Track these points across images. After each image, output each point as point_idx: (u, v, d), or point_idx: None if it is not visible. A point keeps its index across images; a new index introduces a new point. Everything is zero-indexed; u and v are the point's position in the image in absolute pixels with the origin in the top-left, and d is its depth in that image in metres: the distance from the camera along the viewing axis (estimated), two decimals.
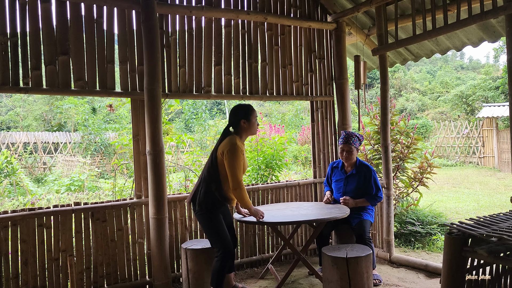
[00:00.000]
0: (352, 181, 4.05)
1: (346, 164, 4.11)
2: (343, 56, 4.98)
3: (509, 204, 7.70)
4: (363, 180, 4.00)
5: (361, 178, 4.00)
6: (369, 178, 3.99)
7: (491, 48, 52.93)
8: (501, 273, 2.15)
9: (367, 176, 4.00)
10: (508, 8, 3.16)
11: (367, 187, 4.00)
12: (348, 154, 4.00)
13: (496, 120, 15.32)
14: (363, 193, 4.00)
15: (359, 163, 4.06)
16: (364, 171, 4.02)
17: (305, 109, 20.02)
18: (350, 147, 3.99)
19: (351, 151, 4.00)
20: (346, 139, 3.99)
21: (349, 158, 4.01)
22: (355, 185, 4.03)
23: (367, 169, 4.03)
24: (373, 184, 3.99)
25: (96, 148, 15.83)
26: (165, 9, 3.94)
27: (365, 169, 4.03)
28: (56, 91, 3.52)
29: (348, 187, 4.06)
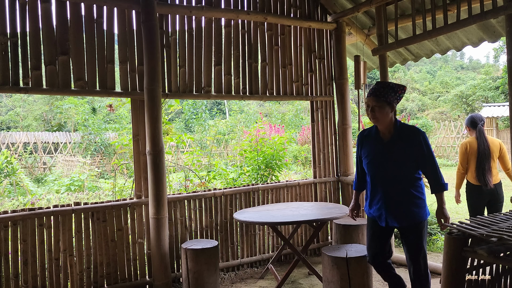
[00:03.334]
0: (396, 153, 2.76)
1: (380, 128, 2.84)
2: (343, 56, 4.98)
3: (509, 204, 7.70)
4: (410, 150, 2.74)
5: (409, 147, 2.74)
6: (421, 146, 2.73)
7: (491, 48, 52.95)
8: (501, 273, 2.15)
9: (416, 142, 2.73)
10: (508, 8, 3.16)
11: (421, 163, 2.76)
12: (374, 112, 2.75)
13: (496, 120, 15.32)
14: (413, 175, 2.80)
15: (402, 126, 2.82)
16: (411, 135, 2.76)
17: (305, 109, 20.02)
18: (379, 102, 2.72)
19: (382, 107, 2.72)
20: (373, 91, 2.78)
21: (378, 117, 2.75)
22: (400, 158, 2.76)
23: (416, 132, 2.76)
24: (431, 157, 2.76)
25: (96, 148, 15.83)
26: (165, 9, 3.94)
27: (412, 133, 2.76)
28: (56, 91, 3.52)
29: (389, 162, 2.78)
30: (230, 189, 4.42)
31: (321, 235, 4.97)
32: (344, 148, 5.03)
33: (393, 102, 2.76)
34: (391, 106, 2.76)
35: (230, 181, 6.27)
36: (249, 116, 19.79)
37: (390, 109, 2.76)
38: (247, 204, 4.48)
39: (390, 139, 2.81)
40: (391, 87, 2.76)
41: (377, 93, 2.75)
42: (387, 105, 2.75)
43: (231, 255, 4.36)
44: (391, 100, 2.75)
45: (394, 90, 2.77)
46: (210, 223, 4.26)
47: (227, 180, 6.37)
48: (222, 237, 4.32)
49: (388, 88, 2.75)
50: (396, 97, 2.78)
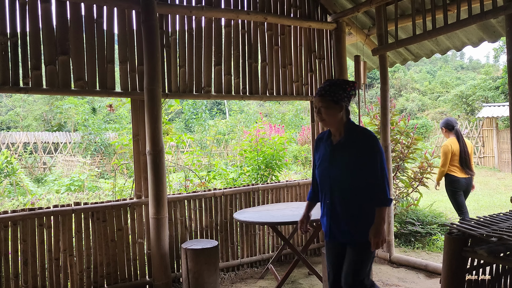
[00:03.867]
0: (341, 158, 2.48)
1: (331, 131, 2.58)
2: (343, 56, 4.98)
3: (509, 204, 7.70)
4: (356, 156, 2.43)
5: (355, 152, 2.44)
6: (367, 152, 2.42)
7: (491, 48, 52.97)
8: (501, 273, 2.15)
9: (362, 147, 2.43)
10: (508, 8, 3.16)
11: (366, 172, 2.41)
12: (321, 113, 2.50)
13: (496, 120, 15.31)
14: (361, 184, 2.44)
15: (351, 127, 2.51)
16: (358, 139, 2.46)
17: (305, 109, 20.02)
18: (324, 101, 2.46)
19: (328, 107, 2.46)
20: (318, 90, 2.52)
21: (325, 119, 2.49)
22: (344, 165, 2.46)
23: (364, 136, 2.46)
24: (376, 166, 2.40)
25: (96, 148, 15.83)
26: (165, 9, 3.94)
27: (360, 137, 2.46)
28: (56, 91, 3.52)
29: (334, 168, 2.50)
30: (230, 189, 4.42)
31: (321, 235, 4.97)
32: None
33: (341, 101, 2.46)
34: (339, 106, 2.46)
35: (230, 181, 6.27)
36: (249, 116, 19.78)
37: (338, 109, 2.47)
38: (247, 204, 4.48)
39: (338, 142, 2.52)
40: (338, 84, 2.48)
41: (322, 92, 2.47)
42: (334, 105, 2.45)
43: (231, 255, 4.36)
44: (339, 99, 2.45)
45: (342, 88, 2.46)
46: (210, 223, 4.26)
47: (227, 180, 6.37)
48: (222, 237, 4.32)
49: (334, 86, 2.47)
50: (345, 95, 2.47)
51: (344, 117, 2.51)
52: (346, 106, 2.50)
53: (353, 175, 2.43)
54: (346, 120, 2.52)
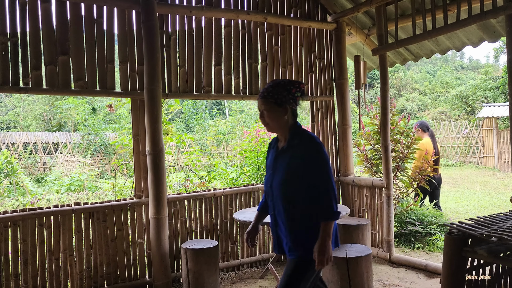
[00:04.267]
0: (282, 166, 2.27)
1: (278, 136, 2.40)
2: (343, 56, 4.99)
3: (509, 204, 7.70)
4: (297, 164, 2.20)
5: (296, 160, 2.21)
6: (307, 160, 2.18)
7: (491, 48, 52.96)
8: (501, 273, 2.14)
9: (302, 155, 2.19)
10: (508, 8, 3.16)
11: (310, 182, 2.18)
12: (264, 117, 2.29)
13: (496, 120, 15.32)
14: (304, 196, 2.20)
15: (296, 132, 2.28)
16: (299, 145, 2.22)
17: (305, 109, 20.02)
18: (267, 104, 2.26)
19: (271, 110, 2.26)
20: (261, 91, 2.31)
21: (268, 123, 2.29)
22: (283, 174, 2.25)
23: (310, 143, 2.21)
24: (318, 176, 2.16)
25: (96, 148, 15.83)
26: (165, 9, 3.94)
27: (301, 143, 2.22)
28: (56, 91, 3.52)
29: (276, 177, 2.28)
30: (230, 189, 4.42)
31: None
32: (344, 148, 5.03)
33: (286, 103, 2.24)
34: (283, 109, 2.24)
35: (230, 181, 6.27)
36: (249, 116, 19.78)
37: (282, 112, 2.24)
38: (247, 204, 4.48)
39: (282, 149, 2.30)
40: (282, 85, 2.27)
41: (264, 94, 2.26)
42: (277, 107, 2.23)
43: (231, 255, 4.36)
44: (283, 101, 2.23)
45: (287, 89, 2.26)
46: (210, 223, 4.26)
47: (227, 180, 6.37)
48: (222, 237, 4.32)
49: (278, 87, 2.25)
50: (291, 96, 2.26)
51: (290, 121, 2.28)
52: (293, 108, 2.29)
53: (295, 185, 2.19)
54: (292, 124, 2.29)
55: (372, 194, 4.68)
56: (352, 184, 4.92)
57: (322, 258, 2.10)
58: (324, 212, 2.14)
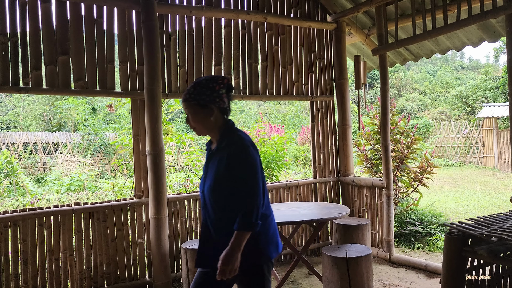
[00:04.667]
0: (211, 170, 2.10)
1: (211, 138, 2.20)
2: (343, 56, 4.99)
3: (509, 204, 7.70)
4: (224, 167, 2.01)
5: (224, 162, 2.02)
6: (229, 163, 2.00)
7: (491, 48, 52.92)
8: (501, 273, 2.14)
9: (225, 157, 2.01)
10: (508, 8, 3.16)
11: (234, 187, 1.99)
12: (189, 121, 2.12)
13: (496, 120, 15.32)
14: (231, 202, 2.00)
15: (226, 133, 2.09)
16: (224, 148, 2.05)
17: (305, 109, 20.02)
18: (189, 106, 2.08)
19: (195, 112, 2.08)
20: (183, 94, 2.11)
21: (195, 127, 2.12)
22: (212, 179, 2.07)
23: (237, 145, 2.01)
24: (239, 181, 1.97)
25: (96, 148, 15.82)
26: (165, 9, 3.94)
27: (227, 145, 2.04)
28: (56, 91, 3.52)
29: (207, 181, 2.12)
30: None
31: (321, 235, 4.97)
32: (344, 148, 5.03)
33: (210, 103, 2.03)
34: (208, 109, 2.04)
35: None
36: (249, 116, 19.79)
37: (208, 113, 2.05)
38: None
39: (212, 151, 2.13)
40: (203, 84, 2.05)
41: (186, 97, 2.07)
42: (201, 109, 2.04)
43: None
44: (207, 101, 2.03)
45: (209, 87, 2.04)
46: None
47: None
48: None
49: (200, 87, 2.04)
50: (216, 95, 2.04)
51: (220, 121, 2.09)
52: (221, 107, 2.07)
53: (224, 191, 2.01)
54: (221, 124, 2.09)
55: (372, 194, 4.68)
56: (352, 184, 4.92)
57: (225, 267, 1.90)
58: (240, 220, 1.92)
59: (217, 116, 2.07)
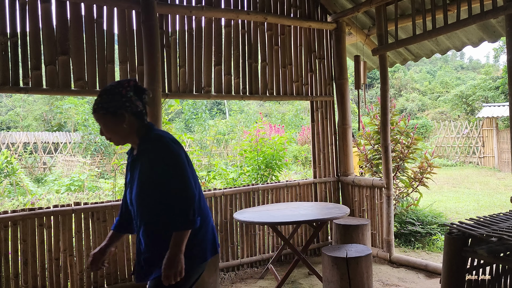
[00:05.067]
0: (135, 176, 2.00)
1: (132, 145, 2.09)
2: (343, 56, 4.99)
3: (509, 204, 7.70)
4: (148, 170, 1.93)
5: (144, 166, 1.95)
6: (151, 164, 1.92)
7: (491, 48, 52.90)
8: (501, 273, 2.14)
9: (147, 159, 1.93)
10: (508, 8, 3.16)
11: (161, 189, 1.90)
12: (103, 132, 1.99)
13: (496, 120, 15.31)
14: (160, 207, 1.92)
15: (145, 135, 1.98)
16: (144, 150, 1.96)
17: (305, 109, 20.02)
18: (99, 117, 1.95)
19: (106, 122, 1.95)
20: (93, 105, 1.97)
21: (110, 137, 2.00)
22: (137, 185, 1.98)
23: (156, 145, 1.92)
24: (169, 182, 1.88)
25: (96, 148, 15.82)
26: (165, 9, 3.94)
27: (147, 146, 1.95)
28: (56, 91, 3.52)
29: (132, 188, 2.02)
30: (230, 189, 4.42)
31: (321, 235, 4.97)
32: (344, 148, 5.03)
33: (120, 109, 1.90)
34: (120, 116, 1.91)
35: (230, 181, 6.27)
36: (249, 116, 19.79)
37: (120, 120, 1.91)
38: (247, 204, 4.48)
39: (134, 157, 2.02)
40: (109, 90, 1.93)
41: (94, 107, 1.94)
42: (112, 117, 1.91)
43: (231, 255, 4.36)
44: (116, 107, 1.89)
45: (116, 92, 1.91)
46: None
47: (227, 180, 6.37)
48: (222, 237, 4.32)
49: (106, 94, 1.92)
50: (125, 99, 1.91)
51: (136, 125, 1.96)
52: (134, 111, 1.93)
53: (151, 195, 1.91)
54: (138, 128, 1.97)
55: (372, 194, 4.68)
56: (352, 184, 4.92)
57: (169, 273, 1.82)
58: (175, 220, 1.84)
59: (130, 121, 1.94)
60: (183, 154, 1.94)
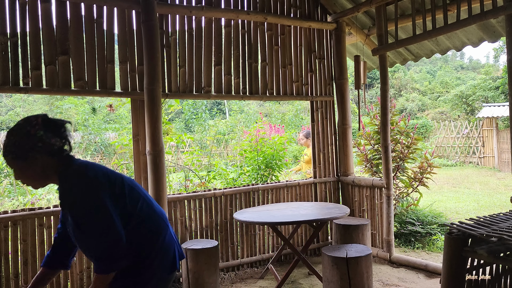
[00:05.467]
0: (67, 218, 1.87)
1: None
2: (343, 56, 4.99)
3: (509, 204, 7.70)
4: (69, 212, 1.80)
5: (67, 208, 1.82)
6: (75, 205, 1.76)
7: (491, 48, 52.88)
8: (501, 273, 2.14)
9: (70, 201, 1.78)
10: (508, 8, 3.16)
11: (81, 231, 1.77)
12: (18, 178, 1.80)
13: (496, 120, 15.31)
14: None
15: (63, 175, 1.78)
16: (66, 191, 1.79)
17: (305, 109, 20.01)
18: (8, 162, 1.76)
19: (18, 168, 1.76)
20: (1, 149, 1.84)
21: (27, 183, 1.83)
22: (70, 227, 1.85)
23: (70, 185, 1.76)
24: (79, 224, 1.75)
25: (96, 148, 15.82)
26: (165, 9, 3.94)
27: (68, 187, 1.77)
28: (56, 91, 3.52)
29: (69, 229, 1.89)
30: (230, 189, 4.42)
31: (321, 235, 4.97)
32: (344, 148, 5.03)
33: (31, 152, 1.69)
34: (31, 159, 1.71)
35: (230, 181, 6.26)
36: (249, 116, 19.77)
37: (32, 163, 1.72)
38: (247, 204, 4.48)
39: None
40: (16, 132, 1.71)
41: (3, 152, 1.73)
42: (23, 162, 1.72)
43: (231, 255, 4.36)
44: (26, 150, 1.69)
45: (24, 134, 1.69)
46: (210, 223, 4.26)
47: (227, 180, 6.36)
48: (222, 237, 4.32)
49: (13, 136, 1.71)
50: (35, 141, 1.69)
51: (54, 165, 1.76)
52: (48, 151, 1.72)
53: (77, 237, 1.80)
54: (57, 168, 1.77)
55: (372, 194, 4.68)
56: (352, 184, 4.92)
57: None
58: (95, 264, 1.74)
59: (45, 163, 1.74)
60: (107, 189, 1.76)
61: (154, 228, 1.91)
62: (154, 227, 1.92)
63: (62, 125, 1.79)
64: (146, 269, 1.85)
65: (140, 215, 1.86)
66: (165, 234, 1.95)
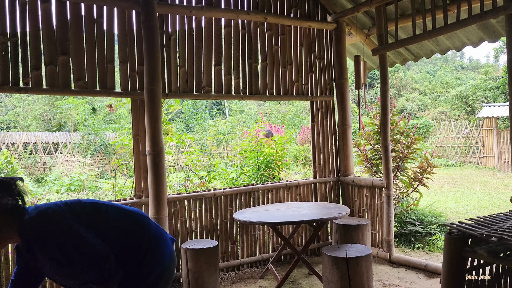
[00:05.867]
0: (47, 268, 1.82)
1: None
2: (343, 56, 4.99)
3: (509, 204, 7.70)
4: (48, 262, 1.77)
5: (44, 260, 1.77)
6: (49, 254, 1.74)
7: (491, 48, 52.87)
8: (501, 273, 2.14)
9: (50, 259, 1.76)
10: (508, 8, 3.16)
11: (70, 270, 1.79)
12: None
13: (496, 120, 15.31)
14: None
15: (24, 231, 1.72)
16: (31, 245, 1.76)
17: (305, 109, 20.02)
18: None
19: None
20: None
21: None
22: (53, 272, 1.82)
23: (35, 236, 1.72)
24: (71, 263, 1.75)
25: (96, 148, 15.83)
26: (165, 9, 3.94)
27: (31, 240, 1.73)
28: (56, 91, 3.52)
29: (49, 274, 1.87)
30: (230, 189, 4.42)
31: (321, 235, 4.97)
32: (344, 148, 5.03)
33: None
34: None
35: (230, 181, 6.27)
36: (249, 116, 19.77)
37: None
38: (247, 204, 4.48)
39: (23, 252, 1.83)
40: None
41: None
42: None
43: (231, 255, 4.36)
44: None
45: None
46: (210, 223, 4.26)
47: (227, 180, 6.36)
48: (222, 237, 4.32)
49: None
50: None
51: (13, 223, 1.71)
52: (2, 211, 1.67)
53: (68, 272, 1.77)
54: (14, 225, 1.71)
55: (372, 194, 4.68)
56: (352, 184, 4.92)
57: None
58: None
59: (2, 222, 1.68)
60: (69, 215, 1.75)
61: (135, 224, 1.92)
62: (134, 223, 1.92)
63: (13, 183, 1.75)
64: (143, 267, 1.86)
65: (114, 219, 1.86)
66: (149, 223, 1.96)
